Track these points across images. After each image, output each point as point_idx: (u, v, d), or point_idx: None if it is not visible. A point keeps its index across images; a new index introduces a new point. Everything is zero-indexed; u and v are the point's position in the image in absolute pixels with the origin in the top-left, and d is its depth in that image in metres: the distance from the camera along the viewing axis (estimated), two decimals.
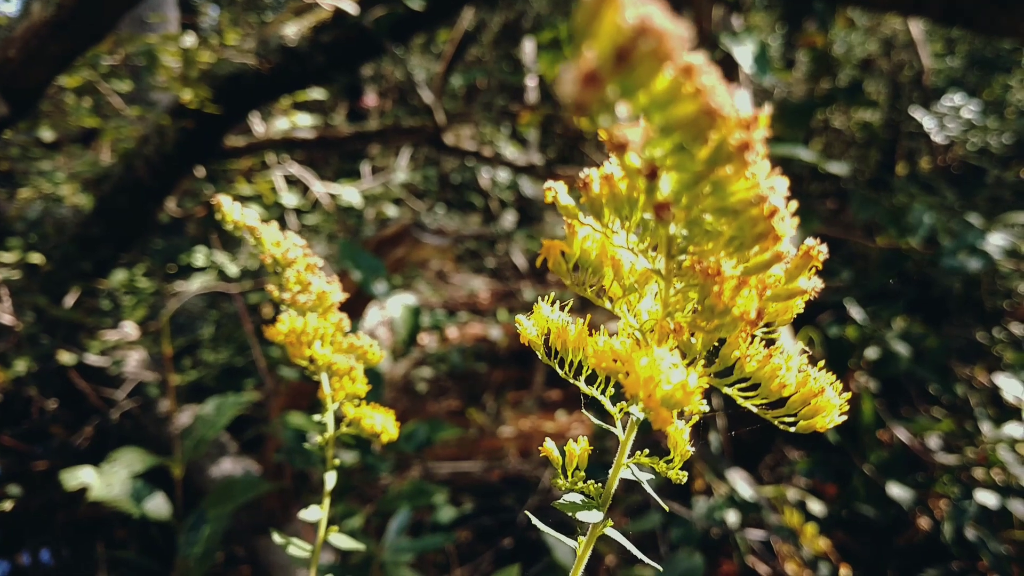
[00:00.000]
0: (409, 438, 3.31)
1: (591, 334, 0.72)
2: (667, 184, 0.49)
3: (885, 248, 3.95)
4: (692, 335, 0.64)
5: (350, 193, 5.32)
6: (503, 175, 7.84)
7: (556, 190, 0.66)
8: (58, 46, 3.04)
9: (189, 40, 3.69)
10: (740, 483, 3.59)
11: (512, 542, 4.73)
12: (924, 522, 3.96)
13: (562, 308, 0.77)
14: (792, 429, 0.69)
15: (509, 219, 8.52)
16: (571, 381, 0.74)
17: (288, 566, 3.86)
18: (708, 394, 0.65)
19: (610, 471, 0.75)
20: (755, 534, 3.82)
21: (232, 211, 1.21)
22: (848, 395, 0.66)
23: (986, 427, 3.61)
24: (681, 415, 0.73)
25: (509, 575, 2.47)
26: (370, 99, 8.65)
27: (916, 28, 6.46)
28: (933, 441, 3.74)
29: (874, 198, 4.06)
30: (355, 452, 3.35)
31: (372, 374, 2.47)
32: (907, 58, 8.10)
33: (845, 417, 0.68)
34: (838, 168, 3.91)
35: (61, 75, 3.50)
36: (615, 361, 0.61)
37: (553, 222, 8.62)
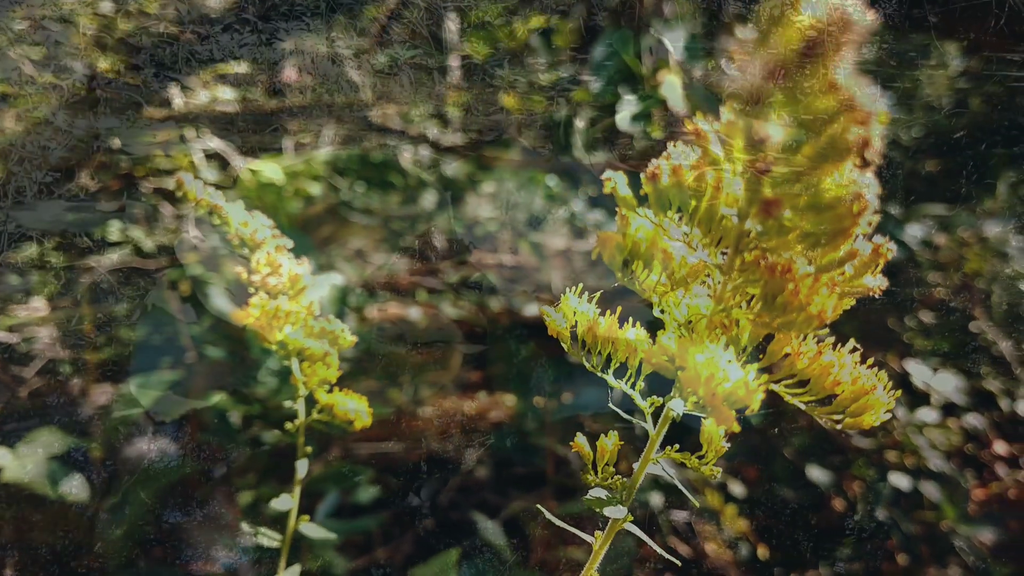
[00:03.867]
0: None
1: (620, 326, 0.71)
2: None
3: None
4: (738, 331, 0.63)
5: (271, 169, 5.20)
6: (425, 154, 7.76)
7: (615, 180, 0.64)
8: None
9: (107, 6, 3.54)
10: (664, 465, 3.64)
11: (433, 523, 4.71)
12: (839, 503, 4.07)
13: (590, 300, 0.75)
14: (839, 427, 0.68)
15: (430, 199, 8.45)
16: (599, 375, 0.72)
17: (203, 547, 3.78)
18: None
19: (636, 466, 0.74)
20: (678, 515, 3.87)
21: (194, 189, 1.16)
22: (898, 392, 0.66)
23: (899, 412, 3.73)
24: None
25: (449, 558, 2.45)
26: (291, 73, 8.46)
27: None
28: None
29: None
30: (277, 433, 3.30)
31: None
32: None
33: (890, 415, 0.68)
34: None
35: None
36: (665, 357, 0.60)
37: (475, 204, 8.56)
